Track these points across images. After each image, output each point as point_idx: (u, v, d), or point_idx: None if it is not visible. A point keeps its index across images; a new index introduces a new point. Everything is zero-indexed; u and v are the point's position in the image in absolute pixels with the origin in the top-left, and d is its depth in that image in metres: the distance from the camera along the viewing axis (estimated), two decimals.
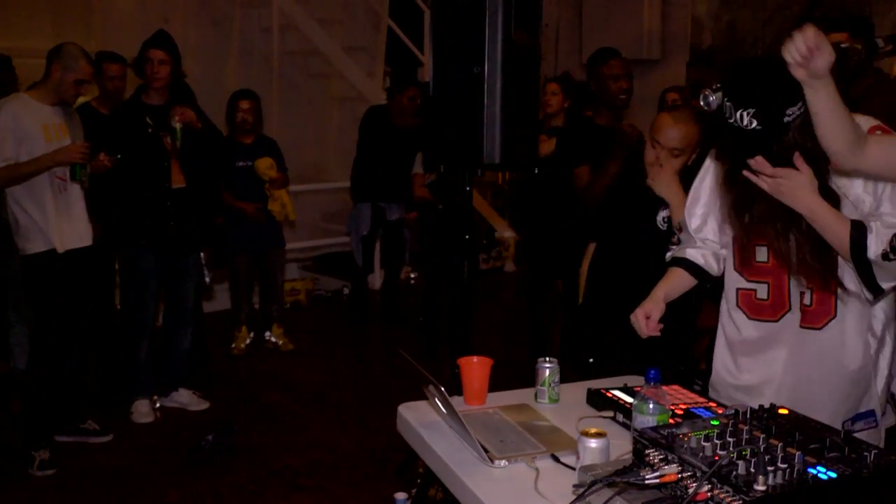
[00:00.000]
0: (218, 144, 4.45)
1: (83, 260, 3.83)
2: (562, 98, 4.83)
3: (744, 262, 2.02)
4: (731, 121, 1.73)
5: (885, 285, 1.82)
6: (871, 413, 1.97)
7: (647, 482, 1.38)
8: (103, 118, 4.37)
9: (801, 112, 1.71)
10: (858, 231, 1.78)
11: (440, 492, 2.19)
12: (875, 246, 1.76)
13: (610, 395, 2.07)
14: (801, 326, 1.95)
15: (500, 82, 2.91)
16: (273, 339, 5.48)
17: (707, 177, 2.10)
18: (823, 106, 1.63)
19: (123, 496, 3.44)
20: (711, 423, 1.54)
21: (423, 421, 2.04)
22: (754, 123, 1.71)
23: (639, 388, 1.79)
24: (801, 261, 1.87)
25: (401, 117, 5.63)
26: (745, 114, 1.71)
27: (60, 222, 3.68)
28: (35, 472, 3.59)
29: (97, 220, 3.98)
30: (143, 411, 4.21)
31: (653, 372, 1.75)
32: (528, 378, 2.21)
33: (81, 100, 4.13)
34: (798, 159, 1.77)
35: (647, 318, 2.10)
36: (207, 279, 4.50)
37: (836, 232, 1.80)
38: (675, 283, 2.18)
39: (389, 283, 6.23)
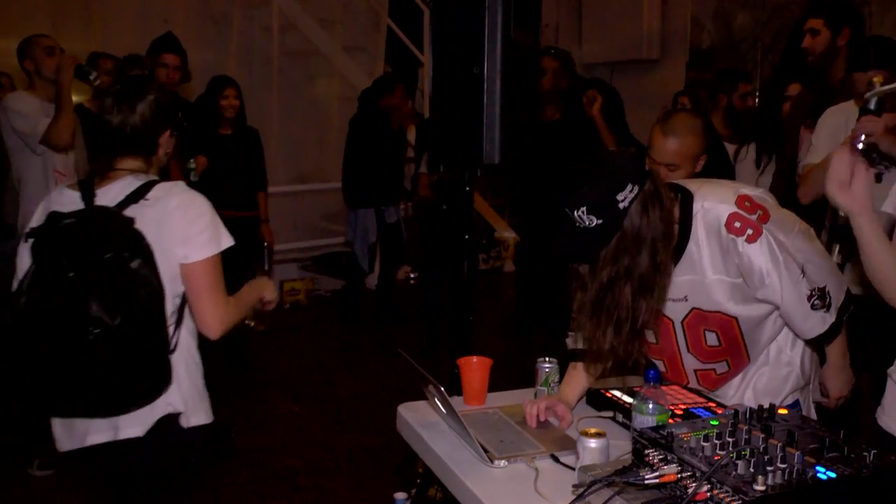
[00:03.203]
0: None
1: None
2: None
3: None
4: (577, 225, 1.70)
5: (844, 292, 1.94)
6: (797, 404, 2.03)
7: (646, 482, 1.38)
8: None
9: (634, 195, 1.68)
10: (816, 341, 1.95)
11: (440, 492, 2.19)
12: (820, 324, 1.90)
13: (609, 395, 2.08)
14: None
15: (500, 83, 2.90)
16: (245, 321, 5.61)
17: None
18: (868, 240, 1.61)
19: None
20: (711, 423, 1.54)
21: (422, 421, 2.04)
22: (594, 220, 1.68)
23: (638, 388, 1.79)
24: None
25: (397, 117, 5.68)
26: (580, 213, 1.69)
27: None
28: (35, 472, 3.59)
29: None
30: None
31: (652, 372, 1.75)
32: (528, 378, 2.21)
33: (76, 98, 4.14)
34: None
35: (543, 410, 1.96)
36: (266, 266, 4.54)
37: (842, 351, 2.01)
38: (580, 381, 2.05)
39: (386, 283, 6.24)
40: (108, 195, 1.88)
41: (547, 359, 2.16)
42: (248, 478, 3.60)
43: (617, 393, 2.07)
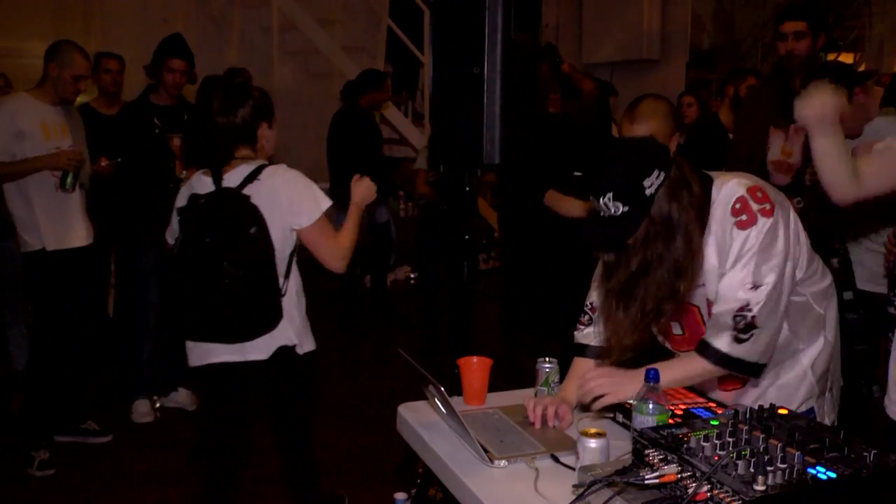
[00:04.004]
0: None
1: (80, 259, 3.81)
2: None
3: (665, 336, 2.05)
4: (602, 214, 1.71)
5: (764, 359, 1.82)
6: (812, 411, 2.00)
7: (646, 482, 1.38)
8: (104, 119, 4.37)
9: (661, 181, 1.69)
10: (701, 347, 1.82)
11: (440, 492, 2.19)
12: (722, 342, 1.78)
13: None
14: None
15: (500, 83, 2.90)
16: None
17: None
18: (831, 149, 1.62)
19: (123, 496, 3.44)
20: (711, 423, 1.54)
21: (422, 421, 2.04)
22: (620, 208, 1.68)
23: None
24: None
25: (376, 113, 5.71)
26: (606, 200, 1.68)
27: (53, 221, 3.65)
28: (35, 472, 3.59)
29: (96, 220, 3.97)
30: (142, 411, 4.21)
31: (652, 372, 1.75)
32: (528, 378, 2.21)
33: (81, 98, 4.13)
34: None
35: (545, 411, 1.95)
36: None
37: (696, 373, 1.85)
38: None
39: (379, 283, 6.23)
40: (232, 179, 2.45)
41: (547, 359, 2.16)
42: (248, 478, 3.60)
43: None
